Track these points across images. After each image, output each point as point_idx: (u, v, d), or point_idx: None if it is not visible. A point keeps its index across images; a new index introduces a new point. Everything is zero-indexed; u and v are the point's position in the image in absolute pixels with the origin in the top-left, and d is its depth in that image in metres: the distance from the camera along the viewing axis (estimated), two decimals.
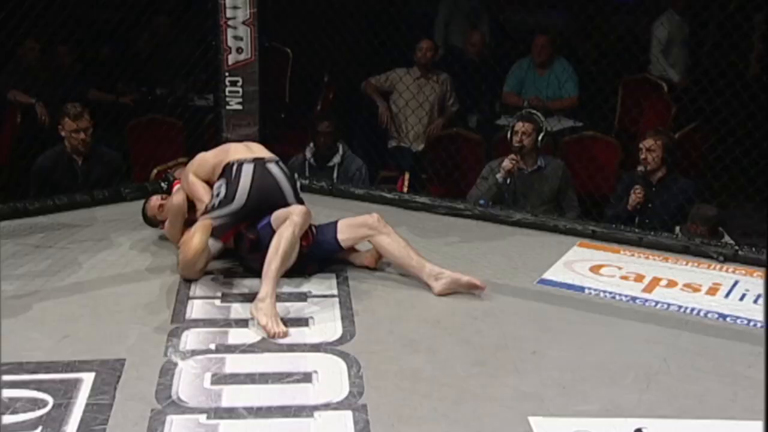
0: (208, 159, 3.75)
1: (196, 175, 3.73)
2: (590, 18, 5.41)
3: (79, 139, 4.57)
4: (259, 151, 3.73)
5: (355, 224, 3.59)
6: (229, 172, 3.57)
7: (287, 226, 3.33)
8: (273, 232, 3.37)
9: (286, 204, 3.51)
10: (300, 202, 3.59)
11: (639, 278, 3.69)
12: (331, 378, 2.75)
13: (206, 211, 3.55)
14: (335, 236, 3.57)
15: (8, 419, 2.47)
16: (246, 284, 3.48)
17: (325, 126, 5.04)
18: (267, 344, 2.97)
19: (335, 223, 3.59)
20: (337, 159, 5.00)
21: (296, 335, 3.04)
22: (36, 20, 4.60)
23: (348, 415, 2.54)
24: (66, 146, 4.62)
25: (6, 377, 2.68)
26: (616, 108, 5.83)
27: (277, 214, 3.44)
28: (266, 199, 3.52)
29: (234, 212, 3.50)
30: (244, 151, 3.69)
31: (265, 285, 3.17)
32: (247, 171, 3.54)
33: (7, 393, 2.60)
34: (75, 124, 4.55)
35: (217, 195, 3.54)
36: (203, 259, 3.46)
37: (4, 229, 4.08)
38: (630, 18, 5.96)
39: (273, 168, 3.60)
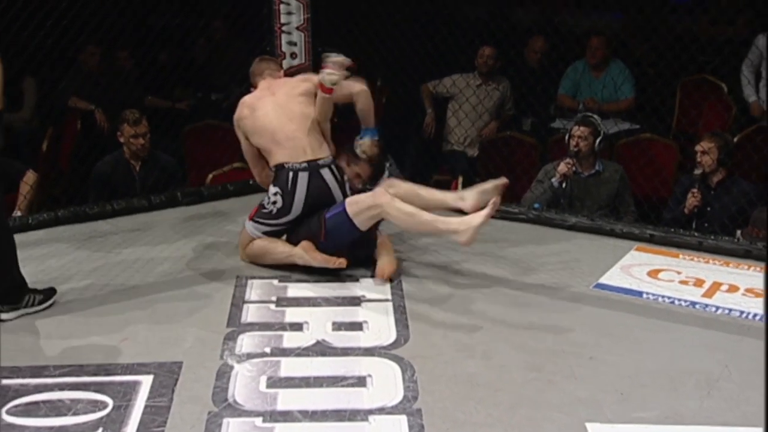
0: (252, 129, 3.75)
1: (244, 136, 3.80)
2: (647, 19, 5.33)
3: (138, 144, 4.64)
4: (308, 144, 3.65)
5: (364, 207, 3.55)
6: (284, 179, 3.61)
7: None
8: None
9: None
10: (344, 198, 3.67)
11: (699, 283, 3.62)
12: (385, 382, 2.75)
13: (264, 216, 3.67)
14: (347, 216, 3.55)
15: (70, 420, 2.51)
16: (300, 288, 3.50)
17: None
18: (321, 348, 2.98)
19: (342, 203, 3.59)
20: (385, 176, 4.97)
21: (350, 339, 3.04)
22: (96, 27, 4.69)
23: (403, 419, 2.53)
24: (125, 152, 4.70)
25: (67, 379, 2.73)
26: (674, 110, 5.74)
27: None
28: (319, 206, 3.61)
29: (290, 221, 3.65)
30: (293, 148, 3.62)
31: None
32: (303, 182, 3.59)
33: (68, 395, 2.64)
34: (134, 129, 4.62)
35: (274, 203, 3.63)
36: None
37: (64, 234, 4.16)
38: (689, 18, 5.85)
39: (326, 175, 3.63)
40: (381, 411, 2.58)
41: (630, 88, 5.58)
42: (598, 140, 4.63)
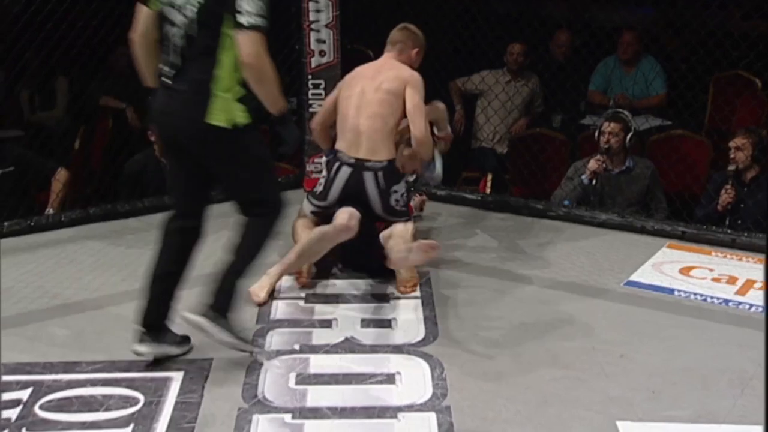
0: (339, 95, 3.75)
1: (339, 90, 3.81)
2: (679, 14, 5.27)
3: None
4: (366, 140, 3.59)
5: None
6: (332, 166, 3.65)
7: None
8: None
9: (373, 212, 3.57)
10: (391, 212, 3.58)
11: (732, 280, 3.58)
12: (414, 379, 2.74)
13: (312, 194, 3.75)
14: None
15: (102, 416, 2.54)
16: (329, 285, 3.50)
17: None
18: (350, 345, 2.98)
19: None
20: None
21: (379, 336, 3.04)
22: (127, 26, 4.73)
23: (432, 416, 2.53)
24: (155, 149, 4.73)
25: (99, 375, 2.76)
26: (707, 106, 5.66)
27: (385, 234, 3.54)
28: (353, 204, 3.59)
29: (327, 207, 3.65)
30: (353, 139, 3.60)
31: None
32: (343, 176, 3.60)
33: (101, 390, 2.67)
34: None
35: (320, 184, 3.70)
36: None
37: (96, 231, 4.20)
38: (722, 13, 5.77)
39: (368, 178, 3.58)
40: (410, 408, 2.57)
41: (661, 83, 5.52)
42: (628, 136, 4.58)
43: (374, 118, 3.61)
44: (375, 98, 3.63)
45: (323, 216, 3.69)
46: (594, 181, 4.55)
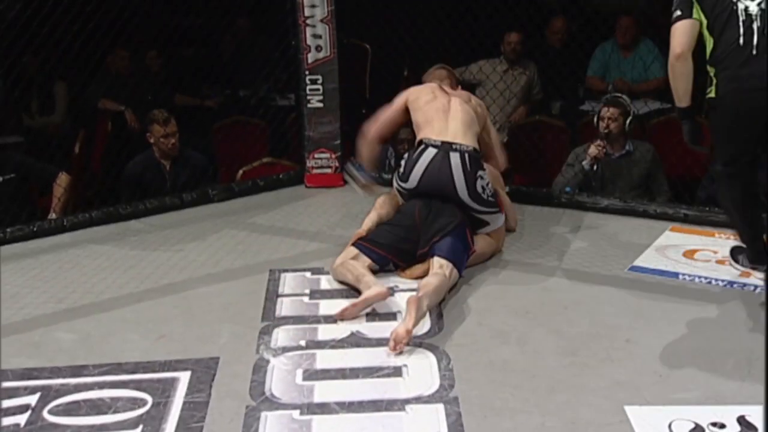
0: (415, 104, 3.77)
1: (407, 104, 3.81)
2: None
3: (169, 144, 4.67)
4: (453, 128, 3.64)
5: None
6: (415, 149, 3.65)
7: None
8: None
9: (456, 197, 3.53)
10: (477, 199, 3.56)
11: None
12: (421, 371, 2.74)
13: (397, 174, 3.70)
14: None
15: (110, 418, 2.54)
16: (333, 280, 3.50)
17: (408, 132, 5.01)
18: (356, 339, 2.99)
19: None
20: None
21: (385, 330, 3.04)
22: (123, 28, 4.73)
23: (440, 408, 2.53)
24: (155, 151, 4.73)
25: (106, 377, 2.76)
26: (705, 88, 5.64)
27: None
28: (436, 187, 3.55)
29: (408, 190, 3.64)
30: (439, 128, 3.63)
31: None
32: (427, 157, 3.58)
33: (108, 393, 2.67)
34: (164, 129, 4.65)
35: (400, 166, 3.67)
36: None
37: (98, 234, 4.21)
38: None
39: (454, 158, 3.55)
40: (418, 400, 2.57)
41: (660, 66, 5.49)
42: (628, 120, 4.58)
43: (465, 114, 3.71)
44: (463, 106, 3.73)
45: (408, 197, 3.66)
46: (595, 167, 4.55)
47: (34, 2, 4.23)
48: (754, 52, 3.05)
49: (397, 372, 2.75)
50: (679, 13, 3.21)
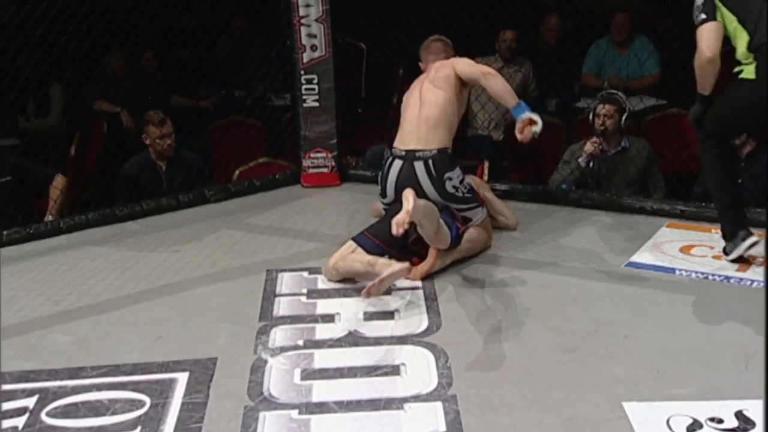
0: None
1: None
2: None
3: (165, 144, 4.67)
4: (420, 132, 3.67)
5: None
6: (385, 162, 3.74)
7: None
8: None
9: (434, 202, 3.54)
10: (452, 199, 3.63)
11: None
12: (419, 370, 2.74)
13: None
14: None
15: (108, 420, 2.54)
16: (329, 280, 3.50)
17: None
18: (353, 338, 2.99)
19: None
20: None
21: (382, 328, 3.05)
22: (118, 30, 4.73)
23: (438, 406, 2.53)
24: (150, 152, 4.73)
25: (104, 379, 2.76)
26: None
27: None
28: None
29: (389, 204, 3.71)
30: (407, 131, 3.70)
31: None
32: (395, 170, 3.67)
33: (106, 395, 2.67)
34: (159, 130, 4.65)
35: (379, 184, 3.75)
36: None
37: (95, 235, 4.21)
38: None
39: (418, 167, 3.63)
40: (416, 399, 2.57)
41: (655, 63, 5.51)
42: (623, 117, 4.58)
43: (430, 107, 3.72)
44: (430, 89, 3.74)
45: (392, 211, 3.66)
46: (591, 164, 4.56)
47: (29, 4, 4.23)
48: None
49: (395, 370, 2.75)
50: (704, 16, 3.31)
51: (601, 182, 4.58)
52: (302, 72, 4.84)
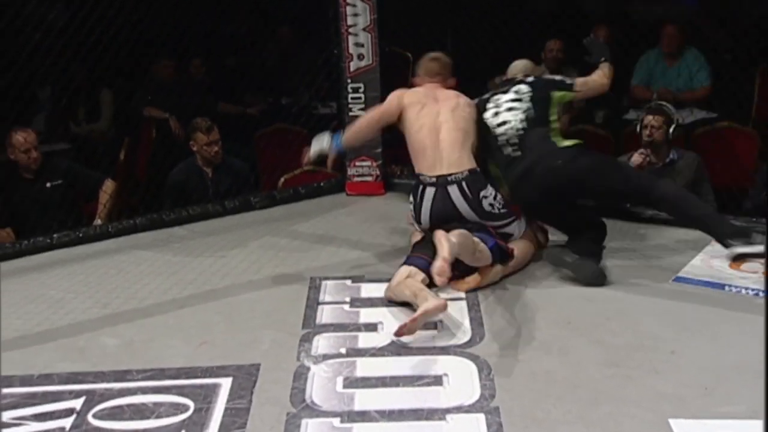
0: (406, 121, 3.79)
1: (379, 113, 3.90)
2: (723, 4, 5.18)
3: (212, 151, 4.71)
4: (446, 156, 3.67)
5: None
6: (416, 190, 3.70)
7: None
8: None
9: (470, 222, 3.59)
10: (490, 217, 3.64)
11: None
12: (461, 381, 2.73)
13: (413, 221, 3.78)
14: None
15: (153, 423, 2.56)
16: (373, 288, 3.50)
17: None
18: (396, 348, 2.98)
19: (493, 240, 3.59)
20: None
21: (425, 339, 3.04)
22: (167, 37, 4.79)
23: (481, 418, 2.51)
24: (197, 159, 4.78)
25: (149, 383, 2.79)
26: (753, 97, 5.56)
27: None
28: (448, 220, 3.61)
29: (425, 229, 3.70)
30: (432, 158, 3.67)
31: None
32: (428, 197, 3.66)
33: (151, 398, 2.69)
34: (207, 137, 4.69)
35: (411, 210, 3.74)
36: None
37: (143, 240, 4.26)
38: (767, 3, 5.67)
39: (453, 192, 3.63)
40: (458, 410, 2.56)
41: (706, 75, 5.43)
42: (671, 128, 4.52)
43: (455, 132, 3.72)
44: (453, 116, 3.75)
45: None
46: None
47: (82, 12, 4.31)
48: None
49: (437, 381, 2.74)
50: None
51: None
52: (349, 80, 4.86)
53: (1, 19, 4.11)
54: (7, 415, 2.61)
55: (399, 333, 2.99)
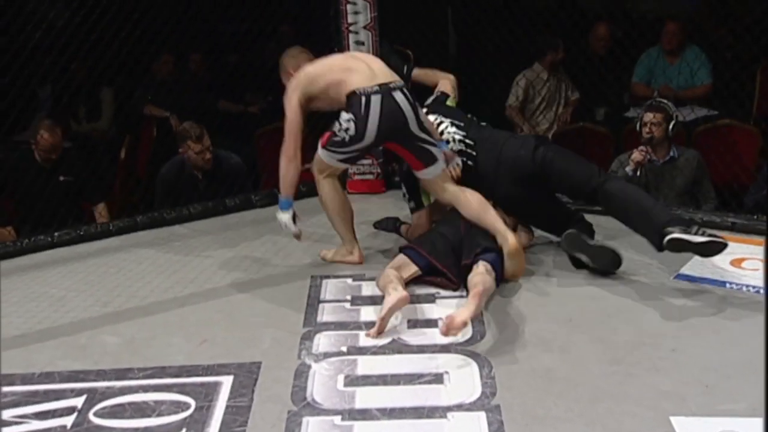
0: (317, 77, 3.63)
1: (304, 96, 3.65)
2: (723, 2, 5.18)
3: (204, 158, 4.70)
4: (378, 69, 3.58)
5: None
6: (357, 105, 3.48)
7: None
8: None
9: (410, 132, 3.51)
10: (422, 128, 3.57)
11: None
12: (462, 379, 2.73)
13: (336, 144, 3.59)
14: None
15: (154, 421, 2.56)
16: (374, 286, 3.49)
17: None
18: (397, 346, 2.98)
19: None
20: None
21: (426, 336, 3.04)
22: (168, 35, 4.79)
23: (481, 416, 2.51)
24: (187, 161, 4.75)
25: (150, 381, 2.79)
26: (754, 94, 5.56)
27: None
28: (393, 130, 3.52)
29: (364, 147, 3.58)
30: (365, 72, 3.54)
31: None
32: (376, 106, 3.46)
33: (152, 396, 2.70)
34: (198, 145, 4.67)
35: (346, 130, 3.53)
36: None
37: (144, 238, 4.26)
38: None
39: (398, 96, 3.51)
40: (459, 408, 2.56)
41: (707, 73, 5.43)
42: (671, 125, 4.52)
43: (373, 59, 3.71)
44: (369, 54, 3.77)
45: (351, 162, 3.68)
46: (638, 172, 4.50)
47: (83, 10, 4.31)
48: None
49: (438, 379, 2.74)
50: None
51: (649, 192, 4.51)
52: None
53: (1, 18, 4.12)
54: (9, 414, 2.61)
55: (374, 335, 3.03)
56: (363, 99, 3.48)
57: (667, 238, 3.29)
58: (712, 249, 3.31)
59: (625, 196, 3.54)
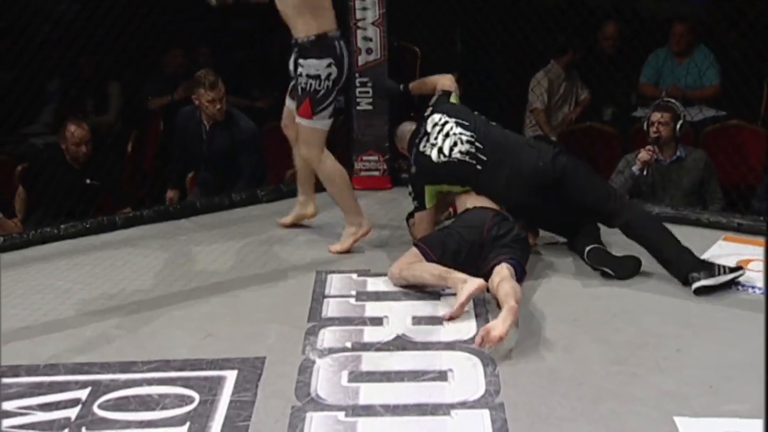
0: None
1: None
2: (732, 2, 5.17)
3: (215, 108, 4.64)
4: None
5: None
6: (332, 48, 3.65)
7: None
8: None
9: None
10: None
11: None
12: (466, 376, 2.73)
13: (323, 98, 3.71)
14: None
15: (158, 415, 2.57)
16: (379, 282, 3.50)
17: None
18: (402, 342, 2.98)
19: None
20: None
21: (430, 333, 3.04)
22: (176, 30, 4.80)
23: (485, 413, 2.51)
24: (199, 112, 4.72)
25: (154, 374, 2.80)
26: (762, 95, 5.55)
27: None
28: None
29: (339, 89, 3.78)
30: (332, 15, 3.70)
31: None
32: (345, 49, 3.70)
33: (157, 389, 2.70)
34: (210, 93, 4.58)
35: (329, 75, 3.66)
36: None
37: (150, 232, 4.27)
38: None
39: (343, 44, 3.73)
40: (463, 405, 2.56)
41: (715, 73, 5.42)
42: (678, 125, 4.50)
43: None
44: None
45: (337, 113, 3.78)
46: (645, 172, 4.49)
47: (91, 4, 4.32)
48: None
49: (442, 376, 2.74)
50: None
51: (656, 192, 4.51)
52: (357, 75, 4.86)
53: (10, 12, 4.13)
54: (13, 405, 2.62)
55: (448, 318, 3.11)
56: (336, 43, 3.66)
57: (695, 286, 3.33)
58: (734, 283, 3.39)
59: (644, 233, 3.54)
